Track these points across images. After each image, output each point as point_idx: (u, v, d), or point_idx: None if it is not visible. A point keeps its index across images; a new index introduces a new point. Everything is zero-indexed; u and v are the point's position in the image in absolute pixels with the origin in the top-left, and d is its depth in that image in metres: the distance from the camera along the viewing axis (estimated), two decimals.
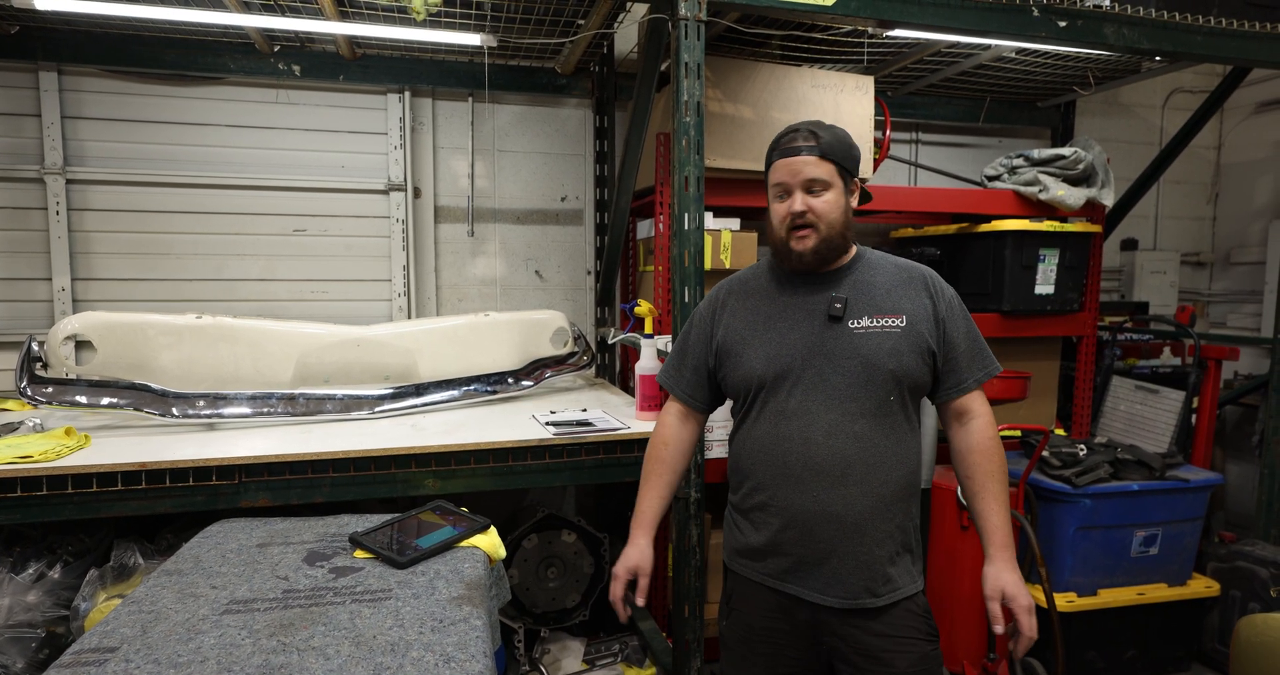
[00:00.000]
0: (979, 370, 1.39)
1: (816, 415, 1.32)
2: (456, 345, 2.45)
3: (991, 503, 1.36)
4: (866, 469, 1.31)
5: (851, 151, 1.37)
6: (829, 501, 1.31)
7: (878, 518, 1.32)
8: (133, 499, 1.69)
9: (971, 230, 2.96)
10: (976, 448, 1.38)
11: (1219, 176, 4.07)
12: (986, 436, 1.38)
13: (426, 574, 1.40)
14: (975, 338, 1.40)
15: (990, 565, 1.35)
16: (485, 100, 3.03)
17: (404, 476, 1.86)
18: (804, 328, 1.36)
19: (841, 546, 1.31)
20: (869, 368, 1.31)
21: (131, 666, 1.06)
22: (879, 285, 1.37)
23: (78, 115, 2.69)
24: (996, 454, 1.38)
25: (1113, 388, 3.31)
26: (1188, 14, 2.32)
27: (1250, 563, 2.60)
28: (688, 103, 1.90)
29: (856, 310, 1.34)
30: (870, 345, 1.32)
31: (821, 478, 1.31)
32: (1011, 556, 1.34)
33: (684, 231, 1.94)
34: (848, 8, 2.02)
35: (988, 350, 1.41)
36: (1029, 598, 1.32)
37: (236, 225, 2.84)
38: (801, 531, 1.33)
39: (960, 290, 1.48)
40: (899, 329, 1.33)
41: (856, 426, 1.31)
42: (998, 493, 1.36)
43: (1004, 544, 1.34)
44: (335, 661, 1.09)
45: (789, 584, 1.36)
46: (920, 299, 1.36)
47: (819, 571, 1.33)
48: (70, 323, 2.03)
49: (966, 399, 1.39)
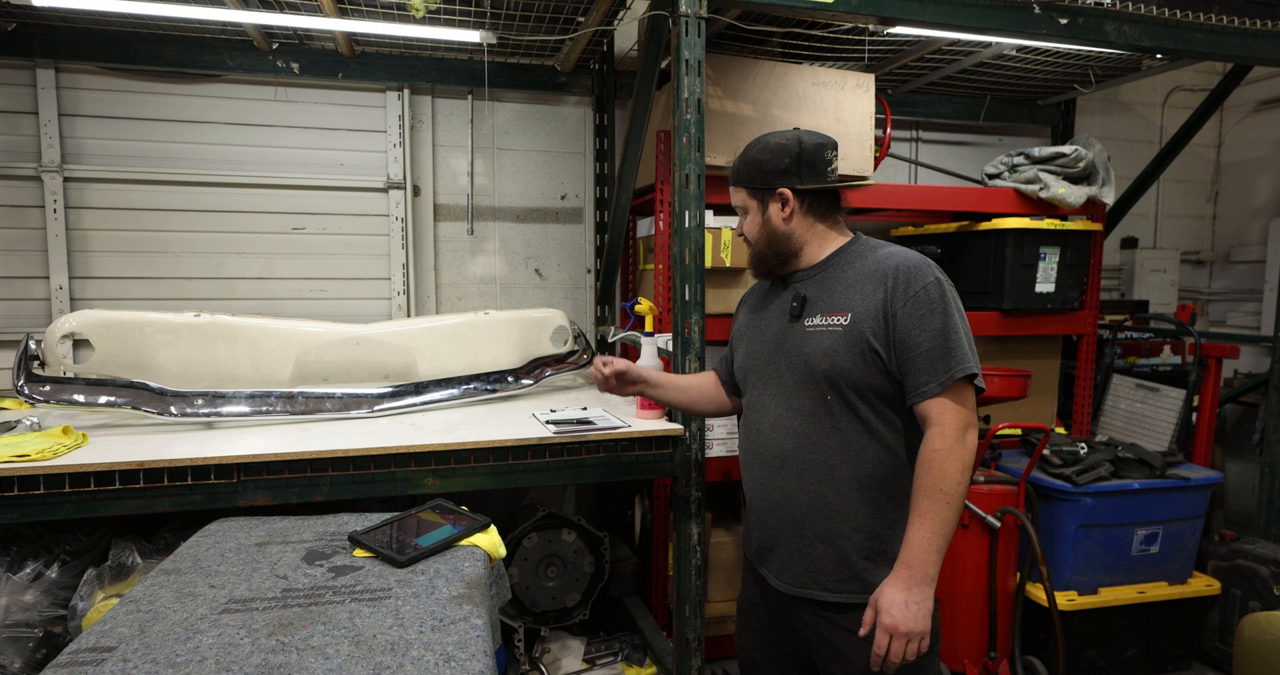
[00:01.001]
0: (941, 374, 1.25)
1: (768, 409, 1.42)
2: (456, 344, 2.44)
3: (914, 517, 1.27)
4: (803, 465, 1.36)
5: (763, 168, 1.41)
6: (770, 490, 1.42)
7: (818, 514, 1.35)
8: (130, 498, 1.68)
9: (972, 228, 2.95)
10: (920, 458, 1.28)
11: (1219, 175, 4.07)
12: (930, 449, 1.26)
13: (426, 573, 1.40)
14: (946, 337, 1.26)
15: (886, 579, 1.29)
16: (485, 98, 3.03)
17: (403, 475, 1.85)
18: (774, 326, 1.44)
19: (784, 536, 1.40)
20: (807, 366, 1.35)
21: (129, 666, 1.05)
22: (842, 282, 1.37)
23: (75, 113, 2.68)
24: (935, 467, 1.25)
25: (1113, 386, 3.30)
26: (1189, 11, 2.31)
27: (1251, 561, 2.60)
28: (688, 100, 1.89)
29: (814, 308, 1.38)
30: (811, 344, 1.35)
31: (765, 467, 1.42)
32: (909, 575, 1.24)
33: (684, 229, 1.93)
34: (848, 5, 2.02)
35: (961, 351, 1.26)
36: (896, 618, 1.23)
37: (235, 223, 2.83)
38: (759, 516, 1.46)
39: (961, 288, 1.44)
40: (840, 327, 1.32)
41: (795, 422, 1.37)
42: (924, 509, 1.25)
43: (906, 561, 1.25)
44: (335, 661, 1.08)
45: (758, 565, 1.50)
46: (874, 295, 1.30)
47: (772, 556, 1.44)
48: (68, 321, 2.02)
49: (925, 405, 1.28)
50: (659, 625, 2.54)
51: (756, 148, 1.43)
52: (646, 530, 2.76)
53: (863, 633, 1.28)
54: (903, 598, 1.24)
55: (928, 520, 1.25)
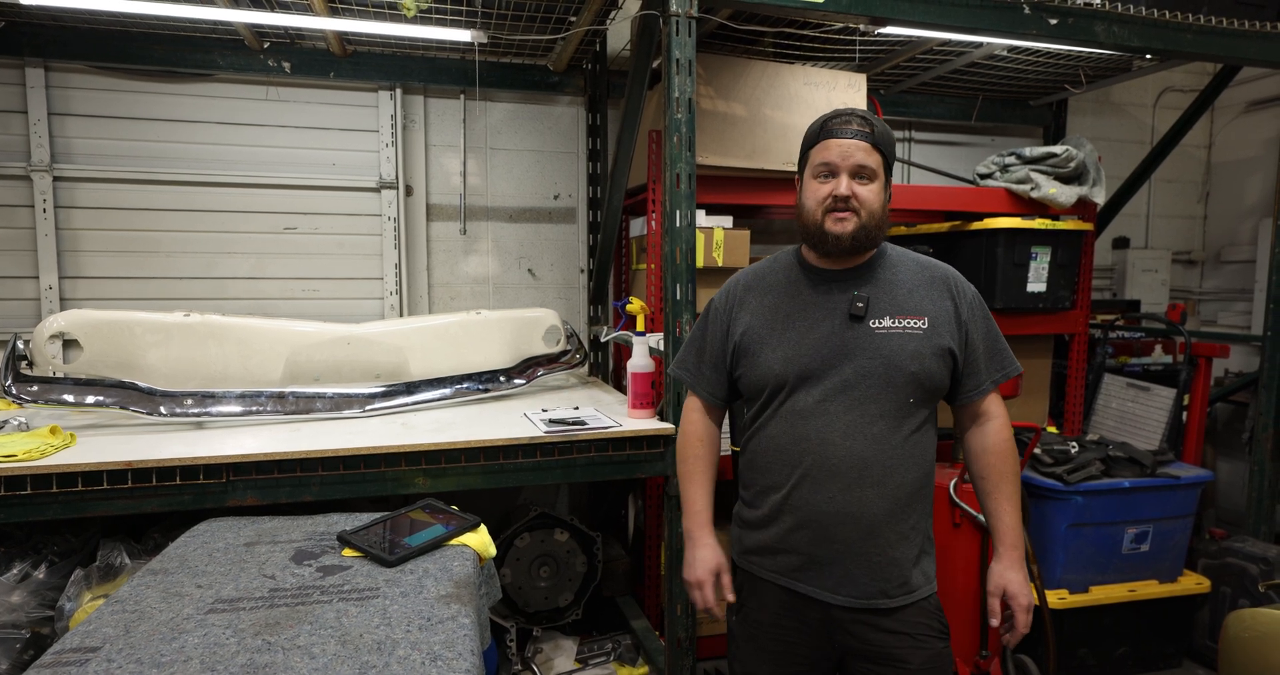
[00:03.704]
0: (996, 371, 1.38)
1: (835, 416, 1.30)
2: (448, 343, 2.44)
3: (1004, 503, 1.38)
4: (883, 471, 1.29)
5: (895, 147, 1.37)
6: (845, 503, 1.29)
7: (893, 519, 1.30)
8: (118, 498, 1.67)
9: (964, 228, 2.96)
10: (992, 449, 1.39)
11: (1210, 175, 4.09)
12: (1002, 439, 1.39)
13: (415, 572, 1.39)
14: (995, 338, 1.39)
15: (997, 562, 1.38)
16: (477, 97, 3.02)
17: (394, 475, 1.85)
18: (824, 327, 1.33)
19: (856, 548, 1.30)
20: (890, 369, 1.29)
21: (113, 666, 1.05)
22: (901, 284, 1.35)
23: (65, 112, 2.67)
24: (1010, 456, 1.39)
25: (1104, 385, 3.32)
26: (1178, 12, 2.32)
27: (1240, 559, 2.61)
28: (679, 100, 1.89)
29: (878, 310, 1.32)
30: (891, 346, 1.29)
31: (838, 479, 1.29)
32: (1019, 556, 1.36)
33: (675, 229, 1.93)
34: (839, 4, 2.02)
35: (1007, 350, 1.40)
36: (1029, 598, 1.35)
37: (226, 223, 2.82)
38: (815, 532, 1.31)
39: None
40: (921, 331, 1.31)
41: (875, 428, 1.29)
42: (1010, 493, 1.38)
43: (1013, 544, 1.37)
44: (320, 660, 1.07)
45: (800, 582, 1.35)
46: (943, 301, 1.34)
47: (832, 571, 1.32)
48: (56, 321, 2.01)
49: (984, 401, 1.39)
50: (652, 625, 2.54)
51: (882, 122, 1.35)
52: (640, 530, 2.76)
53: (995, 623, 1.36)
54: (1022, 576, 1.35)
55: (1014, 502, 1.38)
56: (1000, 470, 1.38)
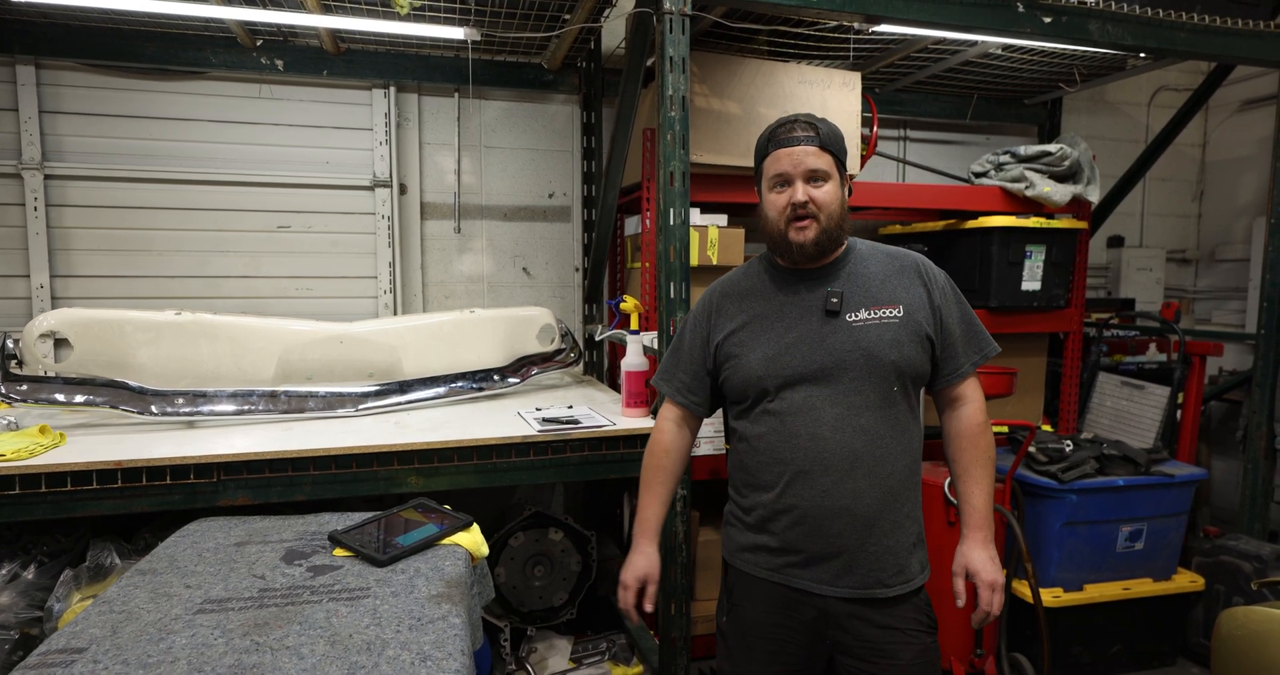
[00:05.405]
0: (975, 353, 1.40)
1: (822, 411, 1.31)
2: (442, 342, 2.43)
3: (973, 486, 1.39)
4: (874, 461, 1.31)
5: (844, 144, 1.37)
6: (838, 496, 1.31)
7: (887, 509, 1.32)
8: (108, 498, 1.66)
9: (959, 227, 2.96)
10: (965, 432, 1.41)
11: (1204, 174, 4.10)
12: (975, 422, 1.41)
13: (406, 572, 1.39)
14: (970, 320, 1.40)
15: (962, 543, 1.39)
16: (470, 96, 3.01)
17: (386, 474, 1.84)
18: (802, 325, 1.35)
19: (853, 540, 1.31)
20: (871, 360, 1.31)
21: (99, 667, 1.04)
22: (873, 276, 1.37)
23: (56, 110, 2.65)
24: (983, 439, 1.40)
25: (1099, 384, 3.32)
26: (1172, 10, 2.32)
27: (1234, 557, 2.61)
28: (673, 98, 1.88)
29: (853, 303, 1.34)
30: (870, 337, 1.32)
31: (830, 473, 1.31)
32: (985, 536, 1.37)
33: (669, 227, 1.92)
34: (833, 2, 2.02)
35: (983, 331, 1.42)
36: (993, 574, 1.35)
37: (219, 221, 2.81)
38: (811, 527, 1.32)
39: None
40: (897, 319, 1.33)
41: (862, 419, 1.31)
42: (979, 476, 1.39)
43: (979, 525, 1.37)
44: (309, 661, 1.07)
45: (795, 578, 1.35)
46: (915, 288, 1.37)
47: (829, 564, 1.33)
48: (46, 319, 2.00)
49: (962, 384, 1.41)
50: (646, 624, 2.54)
51: (832, 123, 1.36)
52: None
53: (960, 604, 1.37)
54: (987, 554, 1.36)
55: (983, 485, 1.39)
56: (971, 454, 1.40)
